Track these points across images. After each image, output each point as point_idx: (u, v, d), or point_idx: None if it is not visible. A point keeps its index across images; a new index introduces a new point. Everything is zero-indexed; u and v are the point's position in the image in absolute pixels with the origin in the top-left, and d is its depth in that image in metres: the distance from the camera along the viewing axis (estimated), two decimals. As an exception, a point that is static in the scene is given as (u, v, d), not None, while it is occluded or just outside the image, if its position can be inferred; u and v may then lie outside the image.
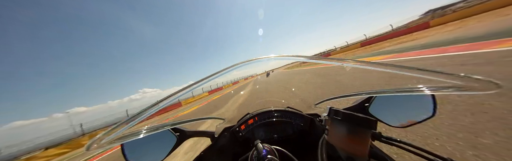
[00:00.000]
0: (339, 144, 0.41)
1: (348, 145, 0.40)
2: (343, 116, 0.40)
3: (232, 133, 0.81)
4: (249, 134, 0.80)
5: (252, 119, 0.83)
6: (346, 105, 0.72)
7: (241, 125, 0.82)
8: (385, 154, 0.50)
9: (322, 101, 0.97)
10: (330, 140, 0.44)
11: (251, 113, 0.91)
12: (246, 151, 0.61)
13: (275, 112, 0.85)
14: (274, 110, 0.86)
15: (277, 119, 0.81)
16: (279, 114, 0.84)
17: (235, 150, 0.77)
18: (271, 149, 0.55)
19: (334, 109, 0.44)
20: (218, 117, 1.08)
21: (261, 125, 0.81)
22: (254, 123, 0.82)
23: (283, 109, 0.88)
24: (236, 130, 0.81)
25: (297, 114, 0.82)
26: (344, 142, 0.40)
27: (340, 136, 0.41)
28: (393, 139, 0.45)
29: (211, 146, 0.78)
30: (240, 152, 0.65)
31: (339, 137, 0.41)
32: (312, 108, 1.05)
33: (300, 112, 0.87)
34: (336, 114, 0.42)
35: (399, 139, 0.44)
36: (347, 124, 0.40)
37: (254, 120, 0.83)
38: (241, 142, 0.78)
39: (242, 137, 0.79)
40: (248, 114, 0.95)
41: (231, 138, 0.81)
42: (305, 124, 0.78)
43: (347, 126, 0.40)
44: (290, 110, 0.87)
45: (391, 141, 0.44)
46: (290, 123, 0.80)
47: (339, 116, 0.41)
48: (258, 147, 0.53)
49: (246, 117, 0.89)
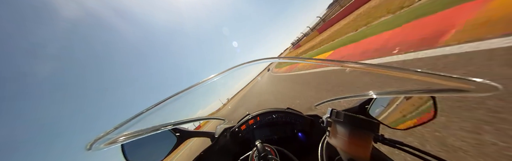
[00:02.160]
0: (341, 146, 0.41)
1: (350, 147, 0.39)
2: (345, 118, 0.40)
3: (232, 134, 0.81)
4: (249, 135, 0.80)
5: (252, 119, 0.83)
6: (345, 106, 0.72)
7: (241, 126, 0.82)
8: (387, 157, 0.50)
9: (322, 102, 0.97)
10: (331, 141, 0.44)
11: (251, 114, 0.91)
12: (246, 151, 0.61)
13: (275, 113, 0.85)
14: (274, 111, 0.86)
15: (277, 120, 0.81)
16: (279, 115, 0.84)
17: (235, 150, 0.77)
18: (272, 149, 0.55)
19: (336, 111, 0.43)
20: (218, 118, 1.08)
21: (261, 125, 0.81)
22: (254, 124, 0.82)
23: (283, 110, 0.88)
24: (236, 131, 0.81)
25: (297, 115, 0.82)
26: (346, 144, 0.40)
27: (342, 138, 0.40)
28: (395, 142, 0.44)
29: (211, 146, 0.78)
30: (240, 152, 0.65)
31: (341, 139, 0.41)
32: (312, 109, 1.05)
33: (300, 113, 0.87)
34: (337, 116, 0.42)
35: (402, 142, 0.44)
36: (349, 126, 0.40)
37: (255, 121, 0.83)
38: (241, 142, 0.78)
39: (242, 137, 0.79)
40: (248, 114, 0.95)
41: (231, 139, 0.81)
42: (305, 125, 0.78)
43: (349, 128, 0.39)
44: (290, 111, 0.87)
45: (393, 143, 0.44)
46: (290, 124, 0.80)
47: (341, 118, 0.41)
48: (259, 147, 0.53)
49: (246, 117, 0.89)
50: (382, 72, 0.39)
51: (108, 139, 0.37)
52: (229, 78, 0.75)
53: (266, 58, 0.62)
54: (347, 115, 0.40)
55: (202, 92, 0.67)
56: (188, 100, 0.60)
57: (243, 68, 0.67)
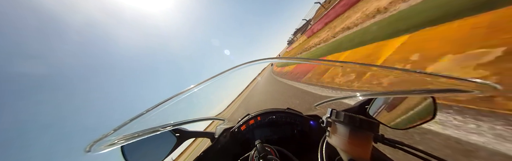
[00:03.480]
0: (341, 146, 0.41)
1: (350, 147, 0.39)
2: (345, 118, 0.40)
3: (232, 134, 0.81)
4: (249, 135, 0.80)
5: (252, 120, 0.83)
6: (345, 106, 0.72)
7: (242, 126, 0.82)
8: (387, 157, 0.50)
9: (322, 102, 0.97)
10: (331, 141, 0.44)
11: (251, 114, 0.91)
12: (246, 151, 0.61)
13: (275, 113, 0.85)
14: (274, 111, 0.86)
15: (277, 120, 0.81)
16: (279, 115, 0.84)
17: (235, 150, 0.77)
18: (272, 149, 0.55)
19: (336, 111, 0.43)
20: (218, 118, 1.08)
21: (261, 126, 0.81)
22: (254, 124, 0.82)
23: (283, 110, 0.88)
24: (236, 131, 0.81)
25: (297, 115, 0.82)
26: (346, 144, 0.40)
27: (342, 138, 0.40)
28: (396, 142, 0.44)
29: (211, 147, 0.78)
30: (240, 152, 0.65)
31: (341, 139, 0.41)
32: (312, 109, 1.05)
33: (300, 113, 0.87)
34: (337, 116, 0.42)
35: (402, 142, 0.44)
36: (349, 126, 0.40)
37: (255, 121, 0.83)
38: (241, 143, 0.78)
39: (242, 137, 0.79)
40: (248, 115, 0.95)
41: (231, 139, 0.81)
42: (305, 125, 0.78)
43: (349, 128, 0.39)
44: (290, 111, 0.87)
45: (393, 143, 0.44)
46: (290, 124, 0.80)
47: (341, 118, 0.41)
48: (259, 147, 0.53)
49: (246, 118, 0.89)
50: (382, 72, 0.39)
51: (108, 141, 0.37)
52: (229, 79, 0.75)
53: (265, 58, 0.63)
54: (347, 115, 0.40)
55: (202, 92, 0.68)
56: (188, 100, 0.60)
57: (242, 69, 0.67)
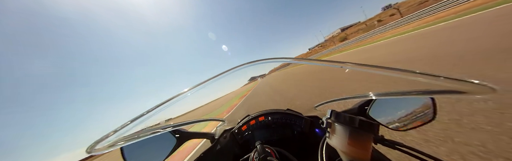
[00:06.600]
0: (341, 147, 0.41)
1: (350, 148, 0.39)
2: (344, 120, 0.40)
3: (232, 135, 0.81)
4: (249, 136, 0.80)
5: (252, 120, 0.83)
6: (345, 107, 0.72)
7: (242, 127, 0.82)
8: (387, 158, 0.50)
9: (322, 103, 0.97)
10: (331, 143, 0.44)
11: (251, 115, 0.91)
12: (246, 152, 0.61)
13: (275, 114, 0.85)
14: (274, 112, 0.86)
15: (277, 121, 0.81)
16: (279, 116, 0.84)
17: (235, 151, 0.77)
18: (272, 151, 0.55)
19: (336, 112, 0.43)
20: (219, 119, 1.08)
21: (261, 126, 0.81)
22: (254, 125, 0.82)
23: (283, 111, 0.88)
24: (236, 132, 0.81)
25: (297, 116, 0.82)
26: (346, 146, 0.40)
27: (342, 140, 0.40)
28: (396, 143, 0.44)
29: (211, 148, 0.78)
30: (240, 153, 0.65)
31: (341, 140, 0.41)
32: (312, 110, 1.05)
33: (300, 114, 0.87)
34: (337, 117, 0.42)
35: (402, 143, 0.44)
36: (349, 128, 0.40)
37: (255, 122, 0.83)
38: (241, 144, 0.78)
39: (242, 138, 0.79)
40: (248, 115, 0.95)
41: (231, 140, 0.81)
42: (305, 126, 0.78)
43: (349, 130, 0.39)
44: (290, 112, 0.87)
45: (394, 145, 0.44)
46: (290, 125, 0.80)
47: (341, 119, 0.41)
48: (259, 148, 0.53)
49: (246, 118, 0.89)
50: (382, 72, 0.39)
51: (108, 142, 0.37)
52: (230, 79, 0.75)
53: (268, 58, 0.62)
54: (347, 116, 0.40)
55: (203, 93, 0.68)
56: (188, 101, 0.60)
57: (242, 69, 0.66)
